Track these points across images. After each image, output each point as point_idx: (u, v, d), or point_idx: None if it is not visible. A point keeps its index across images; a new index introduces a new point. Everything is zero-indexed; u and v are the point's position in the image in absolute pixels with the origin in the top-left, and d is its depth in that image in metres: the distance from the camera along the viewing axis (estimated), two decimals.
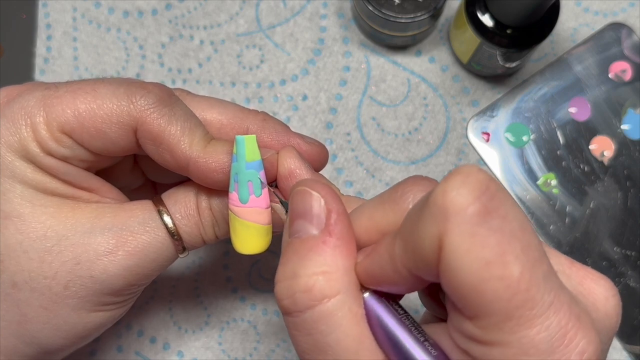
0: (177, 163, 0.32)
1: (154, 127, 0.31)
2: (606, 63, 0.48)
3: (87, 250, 0.31)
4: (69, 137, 0.31)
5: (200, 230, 0.34)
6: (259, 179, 0.31)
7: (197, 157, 0.32)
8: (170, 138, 0.32)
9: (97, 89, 0.32)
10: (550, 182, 0.47)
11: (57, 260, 0.31)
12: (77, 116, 0.31)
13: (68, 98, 0.31)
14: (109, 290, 0.32)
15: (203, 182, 0.33)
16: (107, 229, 0.32)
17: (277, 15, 0.48)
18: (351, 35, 0.48)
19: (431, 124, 0.47)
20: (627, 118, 0.47)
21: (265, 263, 0.46)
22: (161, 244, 0.33)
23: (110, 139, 0.32)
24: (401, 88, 0.48)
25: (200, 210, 0.34)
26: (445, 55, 0.48)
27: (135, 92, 0.32)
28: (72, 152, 0.32)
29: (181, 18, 0.49)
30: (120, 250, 0.32)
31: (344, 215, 0.26)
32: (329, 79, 0.48)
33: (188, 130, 0.32)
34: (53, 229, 0.31)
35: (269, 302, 0.46)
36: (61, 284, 0.31)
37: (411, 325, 0.25)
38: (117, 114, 0.31)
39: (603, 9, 0.49)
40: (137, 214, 0.33)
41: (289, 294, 0.25)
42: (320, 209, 0.26)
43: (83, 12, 0.49)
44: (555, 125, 0.47)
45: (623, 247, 0.46)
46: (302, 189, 0.27)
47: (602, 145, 0.47)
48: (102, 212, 0.32)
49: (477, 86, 0.48)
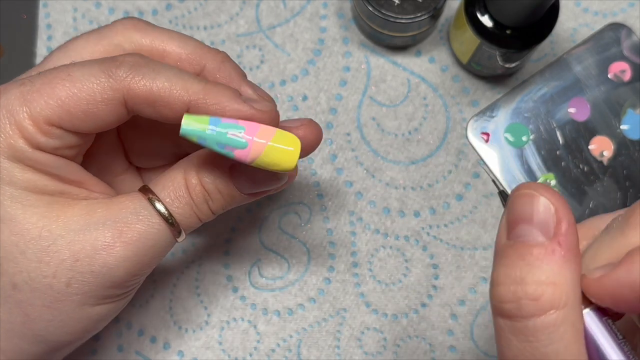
0: (177, 113, 0.32)
1: (141, 89, 0.31)
2: (606, 63, 0.48)
3: (84, 246, 0.32)
4: (58, 127, 0.31)
5: (193, 209, 0.34)
6: (229, 126, 0.31)
7: (197, 99, 0.32)
8: (161, 92, 0.32)
9: (72, 73, 0.32)
10: (549, 182, 0.47)
11: (55, 259, 0.31)
12: (61, 105, 0.31)
13: (47, 89, 0.31)
14: (111, 283, 0.33)
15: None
16: (101, 223, 0.32)
17: (277, 16, 0.48)
18: (351, 35, 0.48)
19: (431, 124, 0.48)
20: (626, 118, 0.47)
21: (266, 263, 0.46)
22: (157, 230, 0.33)
23: (100, 117, 0.32)
24: (401, 88, 0.48)
25: (190, 189, 0.34)
26: (445, 55, 0.48)
27: (111, 65, 0.32)
28: (62, 141, 0.32)
29: (181, 18, 0.49)
30: (118, 242, 0.32)
31: (573, 226, 0.25)
32: (328, 79, 0.48)
33: (175, 78, 0.32)
34: (47, 229, 0.31)
35: (269, 302, 0.46)
36: (62, 281, 0.32)
37: (629, 352, 0.25)
38: (100, 92, 0.31)
39: (603, 9, 0.49)
40: (128, 205, 0.33)
41: (514, 299, 0.25)
42: (549, 216, 0.25)
43: (83, 13, 0.49)
44: (554, 125, 0.47)
45: None
46: (529, 192, 0.26)
47: (602, 145, 0.47)
48: (93, 208, 0.32)
49: (476, 86, 0.48)
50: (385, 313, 0.46)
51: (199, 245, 0.46)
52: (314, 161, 0.47)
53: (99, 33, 0.35)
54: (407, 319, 0.46)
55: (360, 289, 0.46)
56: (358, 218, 0.47)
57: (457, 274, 0.46)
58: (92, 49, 0.35)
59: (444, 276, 0.46)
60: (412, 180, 0.47)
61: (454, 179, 0.47)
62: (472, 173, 0.47)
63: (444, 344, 0.45)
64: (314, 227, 0.46)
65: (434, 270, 0.46)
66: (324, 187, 0.47)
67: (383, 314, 0.46)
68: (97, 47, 0.35)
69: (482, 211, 0.47)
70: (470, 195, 0.47)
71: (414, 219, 0.47)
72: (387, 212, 0.47)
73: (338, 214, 0.47)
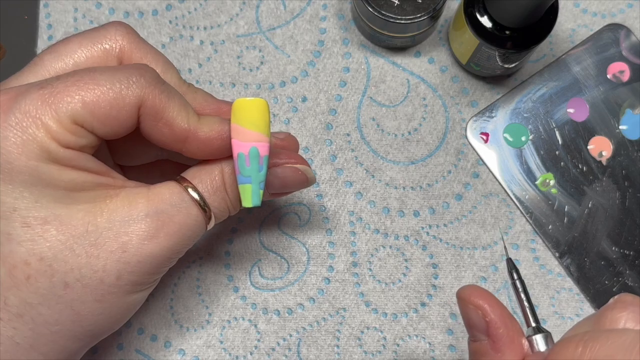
0: (175, 137, 0.34)
1: (157, 102, 0.33)
2: (604, 64, 0.48)
3: (131, 237, 0.33)
4: (81, 127, 0.32)
5: (227, 203, 0.36)
6: None
7: (195, 130, 0.34)
8: (170, 113, 0.33)
9: (96, 77, 0.32)
10: (548, 182, 0.47)
11: (104, 252, 0.32)
12: (85, 106, 0.32)
13: (71, 90, 0.32)
14: (154, 269, 0.34)
15: (202, 154, 0.35)
16: (144, 214, 0.33)
17: (277, 18, 0.49)
18: (351, 36, 0.49)
19: (430, 124, 0.48)
20: (625, 118, 0.48)
21: (266, 263, 0.46)
22: (195, 220, 0.35)
23: (119, 122, 0.33)
24: (400, 89, 0.48)
25: (227, 185, 0.36)
26: (444, 56, 0.49)
27: (133, 73, 0.33)
28: (87, 140, 0.32)
29: (181, 19, 0.49)
30: (161, 233, 0.33)
31: (498, 322, 0.32)
32: (328, 80, 0.48)
33: (183, 106, 0.34)
34: (92, 224, 0.32)
35: (269, 302, 0.46)
36: (113, 274, 0.33)
37: None
38: (123, 97, 0.32)
39: (601, 9, 0.49)
40: (168, 197, 0.34)
41: None
42: (481, 321, 0.32)
43: (84, 13, 0.49)
44: (553, 125, 0.48)
45: (621, 246, 0.46)
46: (461, 301, 0.33)
47: (600, 145, 0.47)
48: (134, 199, 0.34)
49: (476, 87, 0.48)
50: (385, 312, 0.46)
51: (200, 245, 0.46)
52: (314, 162, 0.47)
53: (91, 37, 0.35)
54: (407, 318, 0.46)
55: (359, 289, 0.46)
56: (358, 218, 0.47)
57: (456, 274, 0.46)
58: (86, 54, 0.35)
59: (444, 275, 0.46)
60: (412, 180, 0.47)
61: (453, 178, 0.47)
62: (471, 173, 0.47)
63: (444, 343, 0.46)
64: (314, 227, 0.47)
65: (433, 269, 0.46)
66: (323, 188, 0.47)
67: (383, 313, 0.46)
68: (91, 52, 0.35)
69: (482, 211, 0.47)
70: (470, 195, 0.47)
71: (414, 219, 0.47)
72: (387, 212, 0.47)
73: (338, 214, 0.47)
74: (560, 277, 0.46)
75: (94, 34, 0.36)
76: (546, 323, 0.46)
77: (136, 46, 0.36)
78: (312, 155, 0.47)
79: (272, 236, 0.47)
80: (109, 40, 0.35)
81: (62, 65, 0.35)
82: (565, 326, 0.46)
